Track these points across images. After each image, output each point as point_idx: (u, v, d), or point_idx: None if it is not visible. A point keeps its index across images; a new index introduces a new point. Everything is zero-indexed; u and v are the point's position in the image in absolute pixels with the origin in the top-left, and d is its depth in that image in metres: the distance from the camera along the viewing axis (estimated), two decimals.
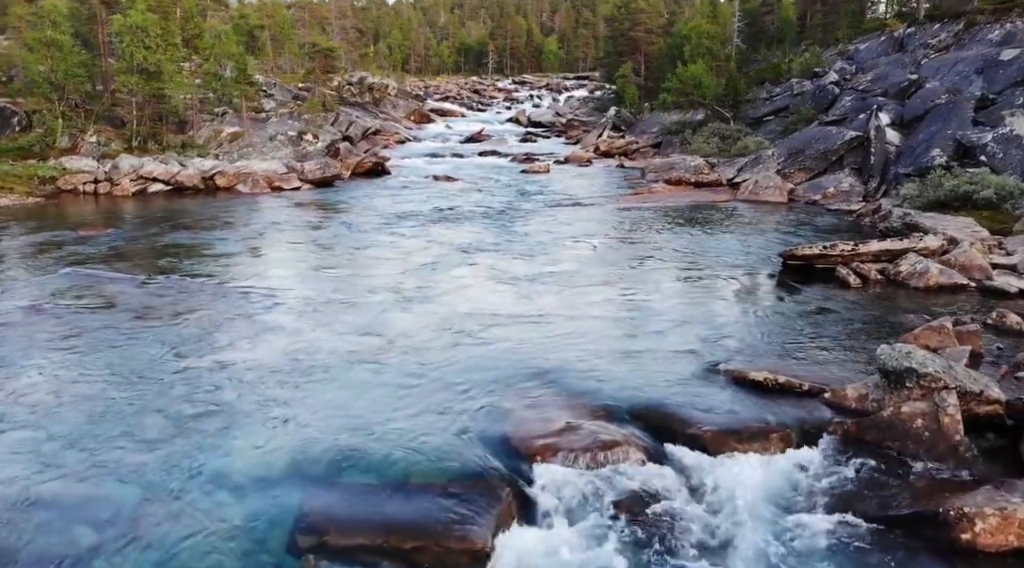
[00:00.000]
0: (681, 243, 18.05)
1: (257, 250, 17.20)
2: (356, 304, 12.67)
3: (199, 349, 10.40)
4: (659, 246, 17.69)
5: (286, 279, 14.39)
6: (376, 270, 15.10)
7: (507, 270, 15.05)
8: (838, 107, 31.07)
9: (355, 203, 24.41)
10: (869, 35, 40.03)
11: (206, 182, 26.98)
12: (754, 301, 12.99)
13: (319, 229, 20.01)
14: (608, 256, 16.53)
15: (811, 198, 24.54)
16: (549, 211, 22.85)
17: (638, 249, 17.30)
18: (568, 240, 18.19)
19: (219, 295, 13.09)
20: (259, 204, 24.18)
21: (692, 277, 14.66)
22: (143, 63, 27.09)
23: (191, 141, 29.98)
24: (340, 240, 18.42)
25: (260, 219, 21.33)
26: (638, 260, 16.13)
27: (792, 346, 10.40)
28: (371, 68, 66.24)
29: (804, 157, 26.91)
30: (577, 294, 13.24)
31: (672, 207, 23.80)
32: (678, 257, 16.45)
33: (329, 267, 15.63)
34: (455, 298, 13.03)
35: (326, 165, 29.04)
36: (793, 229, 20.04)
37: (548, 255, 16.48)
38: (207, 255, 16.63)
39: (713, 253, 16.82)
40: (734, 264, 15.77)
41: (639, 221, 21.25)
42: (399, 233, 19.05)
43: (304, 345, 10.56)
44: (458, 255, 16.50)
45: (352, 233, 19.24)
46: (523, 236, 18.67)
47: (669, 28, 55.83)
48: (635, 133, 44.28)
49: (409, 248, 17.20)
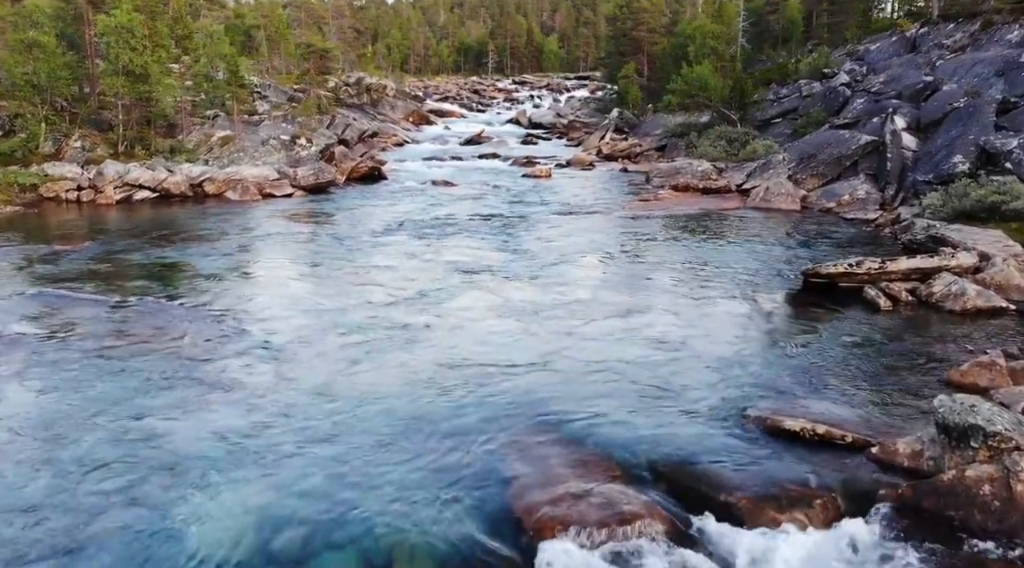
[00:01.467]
0: (692, 258, 16.99)
1: (238, 270, 15.99)
2: (339, 341, 11.38)
3: (149, 402, 9.12)
4: (669, 262, 16.63)
5: (265, 306, 13.15)
6: (365, 296, 13.79)
7: (508, 297, 13.72)
8: (849, 110, 30.01)
9: (348, 213, 23.35)
10: (878, 35, 38.99)
11: (194, 189, 25.93)
12: (777, 328, 11.92)
13: (307, 244, 18.81)
14: (615, 277, 15.39)
15: (825, 206, 23.48)
16: (552, 221, 21.79)
17: (647, 267, 16.23)
18: (573, 257, 17.05)
19: (189, 325, 11.95)
20: (248, 213, 23.12)
21: (708, 299, 13.60)
22: (129, 65, 26.02)
23: (180, 145, 28.92)
24: (328, 258, 17.14)
25: (246, 232, 20.23)
26: (648, 281, 15.03)
27: (824, 385, 9.34)
28: (369, 68, 65.17)
29: (816, 162, 25.86)
30: (584, 325, 12.03)
31: (680, 215, 22.74)
32: (691, 275, 15.38)
33: (314, 293, 14.31)
34: (449, 334, 11.70)
35: (320, 170, 27.99)
36: (809, 241, 18.99)
37: (551, 277, 15.22)
38: (185, 274, 15.55)
39: (728, 270, 15.76)
40: (751, 283, 14.71)
41: (646, 232, 20.20)
42: (392, 249, 17.84)
43: (274, 398, 9.25)
44: (455, 278, 15.14)
45: (342, 249, 18.03)
46: (524, 252, 17.53)
47: (672, 28, 54.73)
48: (638, 135, 43.24)
49: (402, 269, 15.93)
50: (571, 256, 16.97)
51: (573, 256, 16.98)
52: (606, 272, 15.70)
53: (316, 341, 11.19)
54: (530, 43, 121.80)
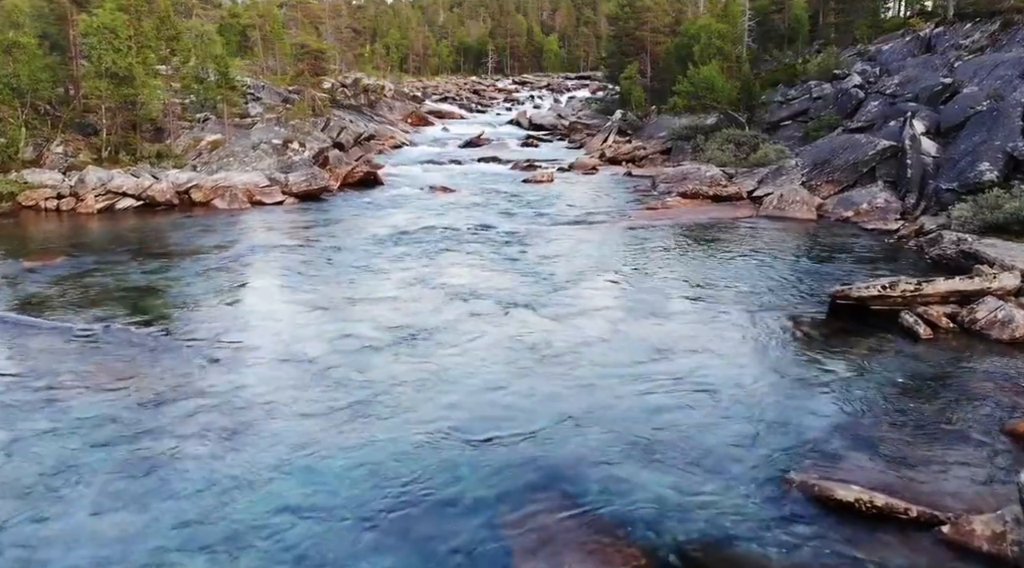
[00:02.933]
0: (708, 277, 15.82)
1: (216, 292, 14.68)
2: (319, 394, 9.89)
3: (90, 462, 7.96)
4: (683, 282, 15.46)
5: (241, 341, 11.83)
6: (354, 333, 12.18)
7: (511, 334, 12.19)
8: (863, 112, 28.85)
9: (341, 222, 22.17)
10: (890, 35, 37.83)
11: (181, 197, 24.74)
12: (810, 363, 10.74)
13: (293, 262, 17.44)
14: (627, 303, 14.10)
15: (842, 215, 22.32)
16: (555, 233, 20.62)
17: (659, 289, 15.01)
18: (579, 278, 15.72)
19: (153, 359, 10.75)
20: (235, 223, 21.95)
21: (730, 327, 12.43)
22: (112, 67, 24.83)
23: (168, 150, 27.76)
24: (315, 280, 15.75)
25: (230, 246, 19.00)
26: (662, 307, 13.80)
27: (873, 438, 8.19)
28: (367, 69, 64.02)
29: (831, 168, 24.70)
30: (597, 368, 10.69)
31: (690, 225, 21.59)
32: (708, 298, 14.20)
33: (297, 324, 12.80)
34: (447, 383, 10.15)
35: (312, 176, 26.82)
36: (829, 255, 17.83)
37: (558, 307, 13.80)
38: (159, 296, 14.35)
39: (747, 290, 14.61)
40: (774, 306, 13.56)
41: (656, 244, 19.04)
42: (385, 269, 16.52)
43: (236, 471, 7.83)
44: (452, 309, 13.60)
45: (330, 270, 16.69)
46: (527, 273, 16.21)
47: (675, 27, 53.52)
48: (642, 138, 42.07)
49: (395, 295, 14.48)
50: (578, 278, 15.66)
51: (580, 278, 15.67)
52: (617, 297, 14.40)
53: (294, 390, 9.87)
54: (530, 43, 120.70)
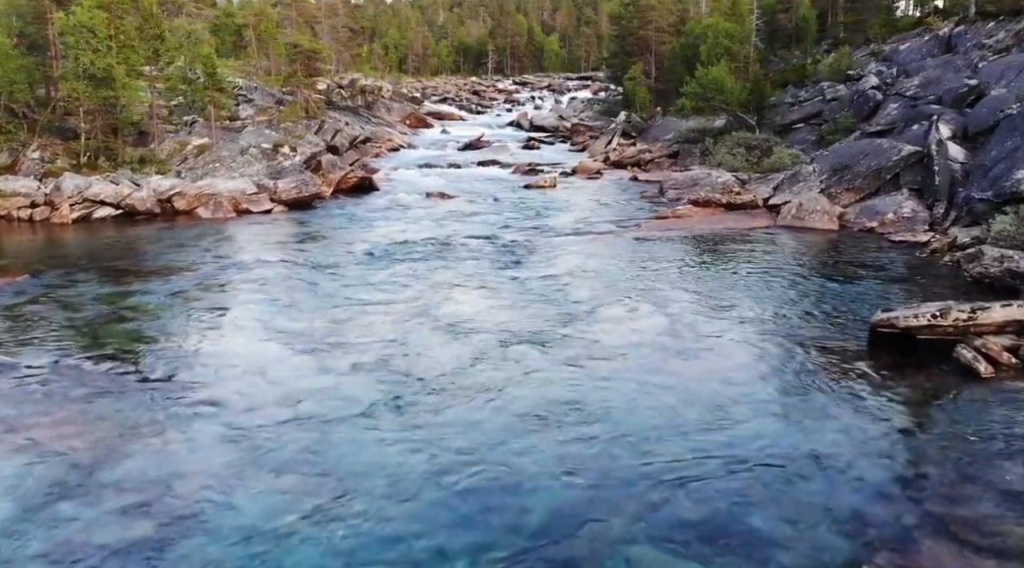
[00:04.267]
0: (730, 298, 14.43)
1: (186, 320, 13.20)
2: (294, 445, 8.47)
3: None
4: (704, 305, 14.08)
5: (205, 382, 10.36)
6: (332, 379, 10.50)
7: (517, 381, 10.41)
8: (882, 115, 27.49)
9: (331, 235, 20.77)
10: (905, 35, 36.47)
11: (162, 205, 23.36)
12: (859, 412, 9.33)
13: (276, 282, 15.84)
14: (647, 332, 12.57)
15: (866, 225, 20.94)
16: (560, 246, 19.25)
17: (680, 313, 13.59)
18: (591, 301, 14.23)
19: (101, 406, 9.36)
20: (218, 235, 20.55)
21: (764, 366, 11.01)
22: (90, 67, 23.46)
23: (151, 155, 26.38)
24: (296, 307, 14.04)
25: (209, 261, 17.55)
26: (685, 338, 12.38)
27: (951, 515, 6.82)
28: (364, 69, 62.65)
29: (852, 175, 23.32)
30: (621, 430, 9.09)
31: (705, 237, 20.21)
32: (734, 326, 12.78)
33: (270, 368, 10.99)
34: (433, 462, 8.33)
35: (303, 183, 25.45)
36: (857, 271, 16.46)
37: (570, 339, 12.14)
38: (123, 323, 12.93)
39: (775, 315, 13.24)
40: (807, 335, 12.18)
41: (670, 260, 17.65)
42: (375, 293, 14.95)
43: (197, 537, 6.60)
44: (449, 348, 11.70)
45: (315, 292, 15.12)
46: (533, 295, 14.69)
47: (680, 27, 52.14)
48: (647, 140, 40.71)
49: (383, 328, 12.73)
50: (590, 305, 14.04)
51: (593, 305, 14.05)
52: (636, 330, 12.65)
53: (251, 467, 8.29)
54: (531, 43, 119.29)
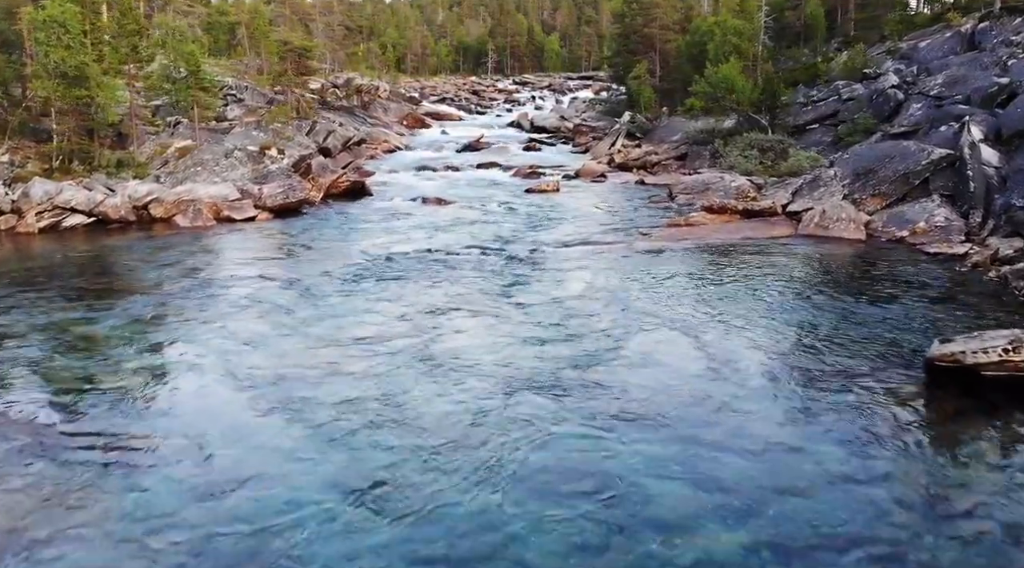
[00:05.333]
0: (760, 322, 12.86)
1: (140, 352, 11.56)
2: None
3: None
4: (732, 329, 12.52)
5: (150, 434, 8.81)
6: (300, 427, 8.94)
7: (517, 441, 8.69)
8: (905, 116, 25.94)
9: (316, 245, 19.22)
10: (923, 31, 34.92)
11: (138, 212, 21.81)
12: (934, 477, 7.76)
13: (249, 307, 14.03)
14: (671, 372, 10.95)
15: (895, 235, 19.39)
16: (566, 258, 17.68)
17: (704, 339, 12.05)
18: (605, 330, 12.58)
19: (22, 464, 7.82)
20: (193, 246, 18.98)
21: (810, 409, 9.49)
22: (61, 65, 21.91)
23: (130, 158, 24.83)
24: (267, 340, 12.16)
25: (178, 277, 15.88)
26: (716, 369, 10.81)
27: None
28: (360, 68, 61.09)
29: (877, 179, 21.75)
30: (656, 508, 7.61)
31: (722, 247, 18.65)
32: (771, 359, 11.17)
33: (230, 418, 9.43)
34: (425, 544, 6.93)
35: (290, 188, 23.88)
36: (894, 288, 14.89)
37: (584, 384, 10.34)
38: (68, 356, 11.32)
39: (812, 343, 11.68)
40: (852, 369, 10.61)
41: (687, 275, 16.09)
42: (359, 321, 13.14)
43: None
44: (440, 402, 9.85)
45: (290, 320, 13.27)
46: (539, 323, 13.04)
47: (685, 25, 50.59)
48: (653, 142, 39.14)
49: (365, 372, 10.80)
50: (604, 334, 12.38)
51: (606, 334, 12.39)
52: (660, 366, 11.01)
53: None
54: (531, 42, 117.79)
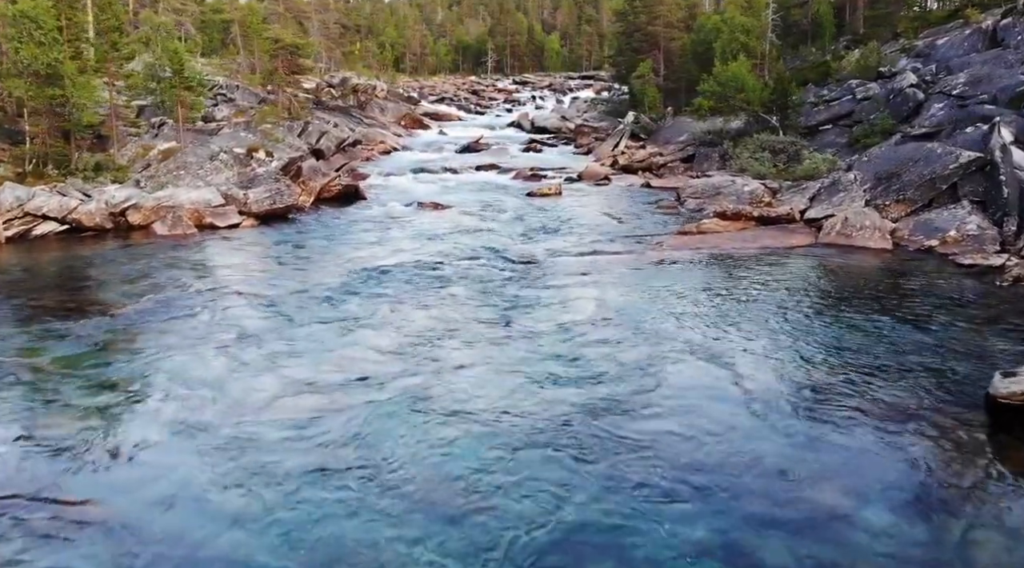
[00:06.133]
0: (794, 348, 11.53)
1: (84, 389, 10.15)
2: None
3: None
4: (765, 357, 11.20)
5: (86, 498, 7.55)
6: (258, 502, 7.49)
7: (527, 526, 7.16)
8: (926, 117, 24.61)
9: (301, 256, 17.90)
10: (938, 28, 33.62)
11: (115, 219, 20.47)
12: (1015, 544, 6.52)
13: (216, 326, 12.66)
14: (701, 411, 9.60)
15: (924, 244, 18.08)
16: (571, 271, 16.34)
17: (738, 373, 10.71)
18: (619, 362, 11.15)
19: None
20: (169, 256, 17.61)
21: (857, 459, 8.18)
22: (33, 63, 20.59)
23: (110, 162, 23.52)
24: (229, 375, 10.75)
25: (148, 293, 14.41)
26: (757, 413, 9.41)
27: None
28: (357, 67, 59.82)
29: (901, 184, 20.44)
30: None
31: (739, 259, 17.33)
32: (814, 393, 9.88)
33: (189, 471, 7.96)
34: None
35: (278, 192, 22.55)
36: (932, 306, 13.57)
37: (600, 433, 8.86)
38: (25, 399, 10.07)
39: (855, 374, 10.35)
40: (902, 405, 9.30)
41: (706, 291, 14.75)
42: (337, 348, 11.79)
43: None
44: (432, 446, 8.50)
45: (261, 345, 11.83)
46: (544, 351, 11.67)
47: (690, 22, 49.27)
48: (658, 143, 37.86)
49: (343, 411, 9.35)
50: (623, 369, 10.95)
51: (626, 369, 10.95)
52: (697, 418, 9.42)
53: None
54: (531, 42, 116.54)
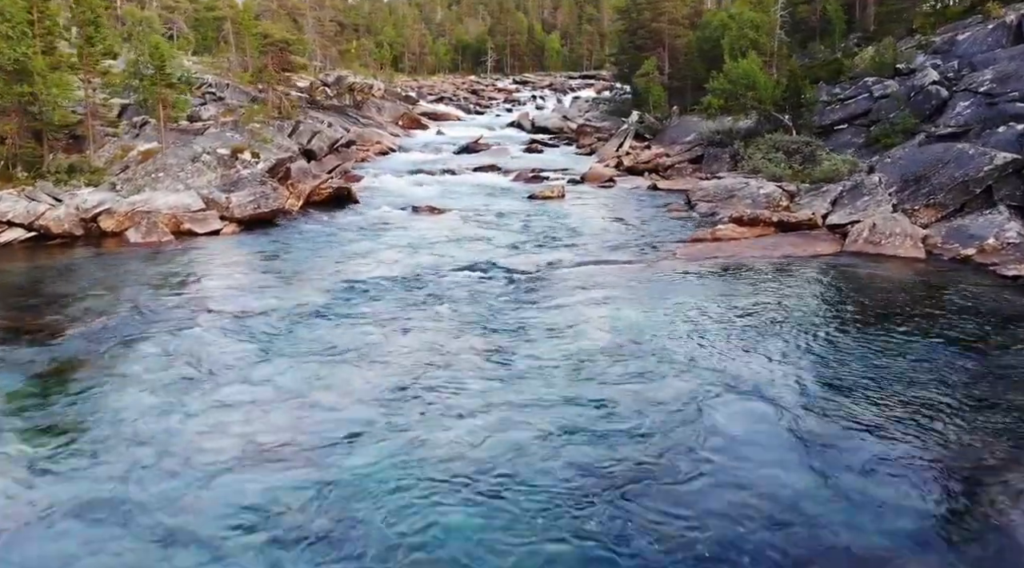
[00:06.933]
0: (840, 378, 10.15)
1: (17, 431, 8.79)
2: None
3: None
4: (808, 386, 9.77)
5: None
6: None
7: None
8: (951, 115, 23.20)
9: (284, 268, 16.45)
10: (956, 23, 32.20)
11: (87, 225, 19.08)
12: None
13: (175, 353, 11.09)
14: (743, 460, 8.17)
15: (960, 253, 16.65)
16: (580, 284, 14.91)
17: (780, 405, 9.33)
18: (645, 401, 9.66)
19: None
20: (139, 267, 16.17)
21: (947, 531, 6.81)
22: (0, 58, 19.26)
23: (85, 163, 22.11)
24: (188, 418, 9.01)
25: (106, 312, 13.03)
26: (819, 471, 8.00)
27: None
28: (354, 66, 58.41)
29: (931, 187, 19.04)
30: None
31: (762, 269, 15.90)
32: (865, 431, 8.50)
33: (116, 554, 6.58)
34: None
35: (263, 196, 21.13)
36: (984, 327, 12.14)
37: (629, 505, 7.36)
38: None
39: (915, 411, 8.94)
40: (967, 451, 7.92)
41: (731, 308, 13.30)
42: (315, 382, 10.21)
43: None
44: (417, 516, 7.01)
45: (223, 382, 10.24)
46: (555, 387, 10.25)
47: (695, 20, 47.87)
48: (664, 143, 36.48)
49: (318, 472, 7.93)
50: (648, 410, 9.47)
51: (653, 410, 9.47)
52: (742, 475, 7.95)
53: None
54: (531, 41, 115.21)
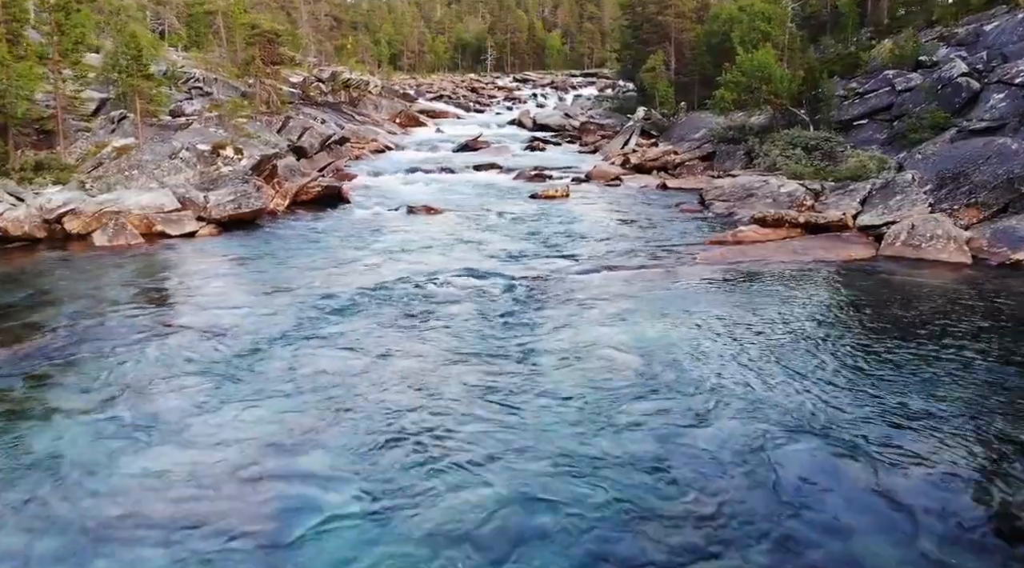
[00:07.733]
0: (890, 400, 8.53)
1: None
2: None
3: None
4: (859, 415, 8.17)
5: None
6: None
7: None
8: (984, 109, 21.61)
9: (264, 273, 14.82)
10: (980, 14, 30.63)
11: (50, 227, 17.50)
12: None
13: (122, 384, 9.38)
14: (841, 535, 6.69)
15: (1009, 256, 15.04)
16: (590, 296, 13.27)
17: (835, 434, 7.73)
18: (675, 448, 7.94)
19: None
20: (101, 274, 14.54)
21: None
22: None
23: (54, 160, 20.52)
24: (133, 468, 7.42)
25: (59, 327, 11.55)
26: (892, 516, 6.55)
27: None
28: (350, 62, 56.84)
29: (972, 185, 17.44)
30: None
31: (793, 275, 14.27)
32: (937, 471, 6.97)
33: None
34: None
35: (243, 195, 19.53)
36: None
37: (665, 552, 6.13)
38: None
39: (985, 445, 7.37)
40: None
41: (767, 323, 11.66)
42: (276, 435, 8.22)
43: None
44: None
45: (177, 420, 8.60)
46: (567, 424, 8.32)
47: (702, 14, 46.30)
48: (671, 140, 34.89)
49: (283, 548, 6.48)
50: (684, 450, 7.72)
51: (691, 451, 7.68)
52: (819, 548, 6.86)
53: None
54: (531, 39, 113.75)
